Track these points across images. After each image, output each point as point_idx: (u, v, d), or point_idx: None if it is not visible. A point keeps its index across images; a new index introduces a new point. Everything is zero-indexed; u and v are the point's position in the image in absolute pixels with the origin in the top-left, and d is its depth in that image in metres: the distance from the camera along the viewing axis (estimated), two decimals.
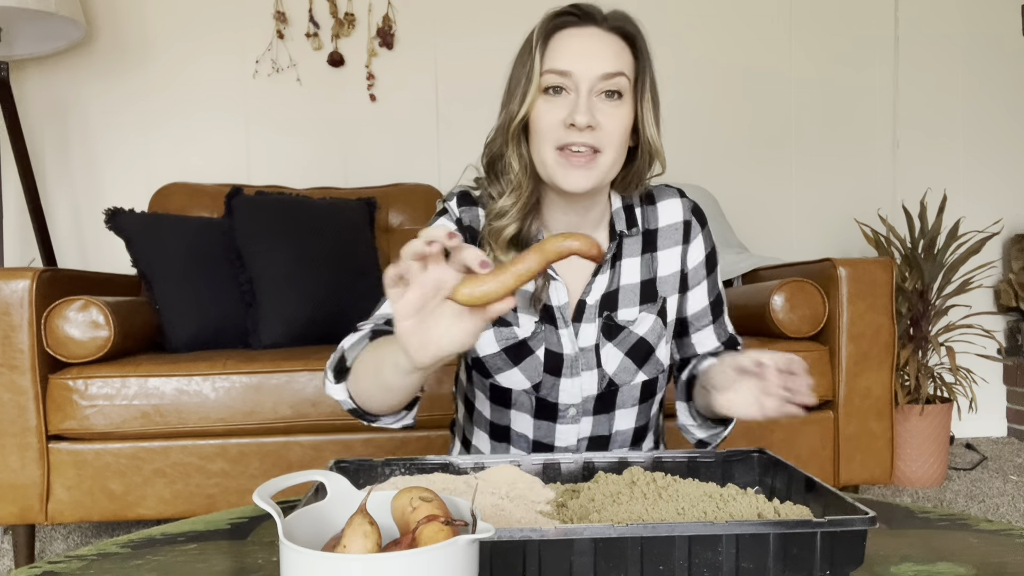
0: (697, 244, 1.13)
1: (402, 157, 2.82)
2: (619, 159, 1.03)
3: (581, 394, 1.10)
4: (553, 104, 1.00)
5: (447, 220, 1.11)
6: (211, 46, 2.74)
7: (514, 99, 1.02)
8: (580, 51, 1.00)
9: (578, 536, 0.64)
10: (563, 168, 1.00)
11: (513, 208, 1.04)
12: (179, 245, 2.07)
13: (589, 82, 0.99)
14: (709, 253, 1.14)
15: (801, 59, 3.02)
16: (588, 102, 0.98)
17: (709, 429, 1.11)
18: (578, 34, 1.01)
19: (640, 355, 1.10)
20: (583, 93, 0.98)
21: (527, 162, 1.04)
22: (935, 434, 2.40)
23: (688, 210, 1.13)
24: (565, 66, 0.99)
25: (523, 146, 1.04)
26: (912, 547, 0.76)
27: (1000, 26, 3.09)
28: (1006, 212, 3.05)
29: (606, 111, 0.99)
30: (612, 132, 1.00)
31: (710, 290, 1.15)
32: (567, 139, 0.98)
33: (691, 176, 2.85)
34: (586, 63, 0.99)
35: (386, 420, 0.99)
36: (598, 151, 1.00)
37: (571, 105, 0.99)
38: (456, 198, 1.11)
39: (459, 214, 1.10)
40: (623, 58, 1.01)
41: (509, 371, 1.09)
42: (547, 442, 1.12)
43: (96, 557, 0.77)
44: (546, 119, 1.00)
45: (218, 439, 1.77)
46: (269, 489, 0.60)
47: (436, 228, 0.69)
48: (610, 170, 1.02)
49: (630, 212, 1.12)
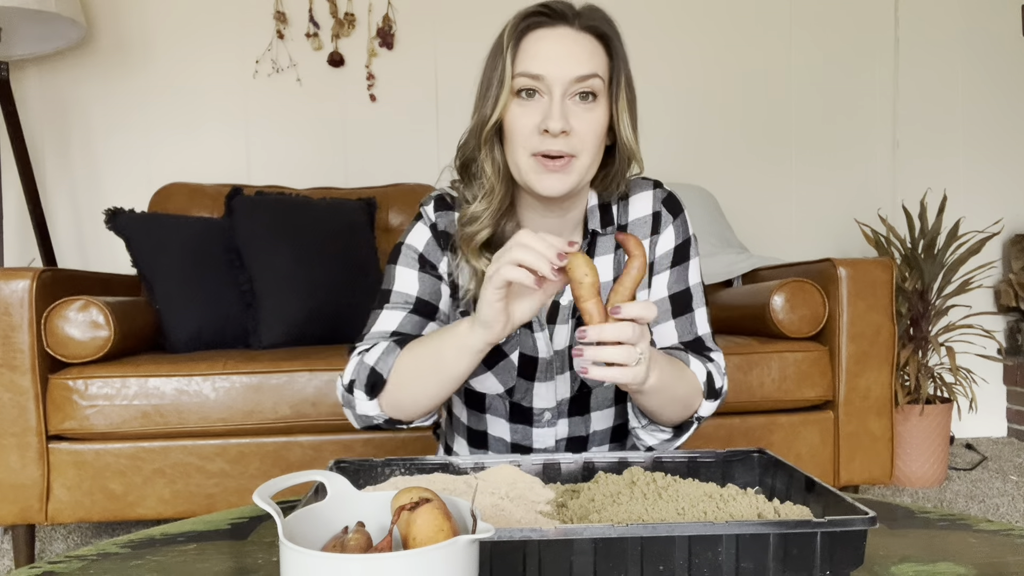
0: (667, 235, 1.09)
1: (402, 157, 2.82)
2: (595, 161, 1.01)
3: (555, 398, 1.09)
4: (526, 108, 0.97)
5: (423, 226, 1.10)
6: (211, 46, 2.74)
7: (486, 102, 0.99)
8: (552, 53, 0.97)
9: (578, 536, 0.64)
10: (537, 173, 0.97)
11: (485, 213, 1.02)
12: (179, 245, 2.07)
13: (562, 85, 0.96)
14: (679, 244, 1.09)
15: (801, 59, 3.02)
16: (561, 107, 0.96)
17: (657, 434, 1.05)
18: (549, 35, 0.98)
19: None
20: (556, 97, 0.96)
21: (500, 166, 1.02)
22: (935, 434, 2.40)
23: (659, 201, 1.09)
24: (537, 69, 0.96)
25: (496, 150, 1.02)
26: (912, 547, 0.76)
27: (1000, 26, 3.09)
28: (1006, 212, 3.05)
29: (580, 114, 0.97)
30: (587, 135, 0.97)
31: (675, 281, 1.09)
32: (541, 146, 0.96)
33: (691, 176, 2.86)
34: (558, 66, 0.96)
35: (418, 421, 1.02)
36: (574, 156, 0.97)
37: (544, 110, 0.96)
38: (433, 202, 1.10)
39: (435, 219, 1.09)
40: (596, 58, 0.98)
41: (483, 375, 1.08)
42: (525, 445, 1.12)
43: (96, 557, 0.77)
44: (519, 124, 0.97)
45: (218, 439, 1.77)
46: (269, 489, 0.60)
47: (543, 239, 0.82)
48: (587, 172, 1.00)
49: (606, 210, 1.09)
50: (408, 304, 1.06)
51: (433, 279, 1.08)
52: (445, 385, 0.97)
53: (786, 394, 1.91)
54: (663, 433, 1.04)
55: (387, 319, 1.06)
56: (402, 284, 1.07)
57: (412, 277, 1.07)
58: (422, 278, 1.07)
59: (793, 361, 1.91)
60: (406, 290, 1.07)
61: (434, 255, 1.08)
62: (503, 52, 0.98)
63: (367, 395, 1.00)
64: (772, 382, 1.90)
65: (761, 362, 1.89)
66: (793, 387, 1.91)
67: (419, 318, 1.06)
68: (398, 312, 1.06)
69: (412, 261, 1.08)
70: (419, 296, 1.07)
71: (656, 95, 2.91)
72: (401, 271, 1.08)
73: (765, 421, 1.92)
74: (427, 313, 1.07)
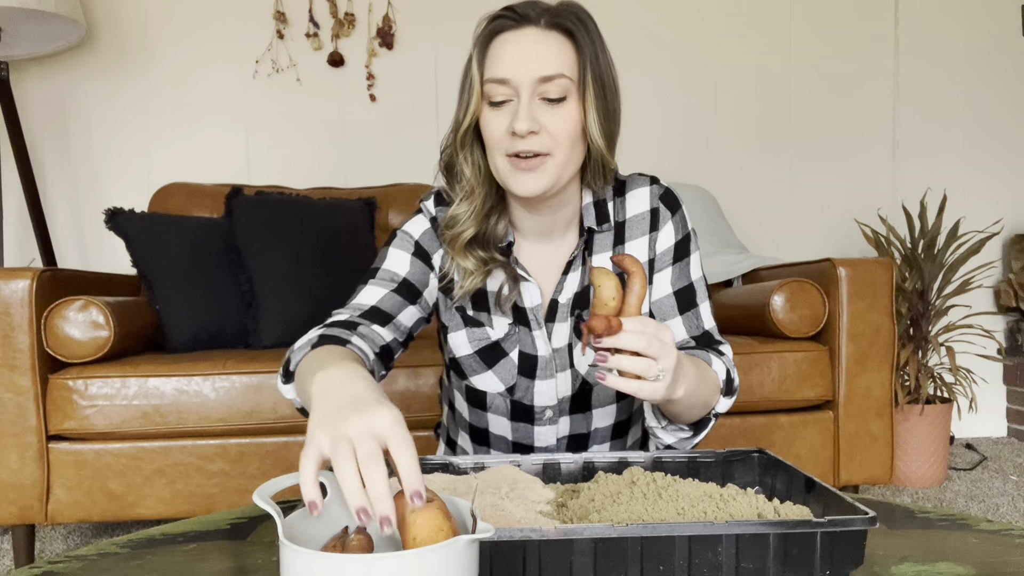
0: (667, 231, 1.09)
1: (402, 157, 2.82)
2: (572, 157, 1.00)
3: (556, 395, 1.09)
4: (497, 112, 0.98)
5: (423, 218, 1.11)
6: (211, 46, 2.74)
7: (460, 107, 1.01)
8: (516, 56, 0.97)
9: (578, 536, 0.64)
10: (512, 174, 0.98)
11: (466, 215, 1.03)
12: (179, 245, 2.07)
13: (529, 87, 0.96)
14: (680, 240, 1.09)
15: (801, 59, 3.02)
16: (529, 107, 0.96)
17: (676, 433, 1.04)
18: (514, 38, 0.98)
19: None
20: (524, 99, 0.96)
21: (481, 167, 1.03)
22: (935, 434, 2.40)
23: (656, 197, 1.09)
24: (503, 73, 0.97)
25: (476, 152, 1.03)
26: (912, 547, 0.76)
27: (1000, 26, 3.09)
28: (1006, 212, 3.05)
29: (549, 113, 0.97)
30: (558, 133, 0.97)
31: (677, 278, 1.09)
32: (514, 147, 0.97)
33: (691, 176, 2.86)
34: (523, 67, 0.96)
35: None
36: (548, 155, 0.97)
37: (513, 112, 0.97)
38: (433, 197, 1.11)
39: (434, 213, 1.10)
40: (563, 58, 0.97)
41: (483, 373, 1.08)
42: (526, 443, 1.12)
43: (96, 557, 0.77)
44: (491, 127, 0.99)
45: (218, 439, 1.77)
46: (269, 489, 0.60)
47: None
48: (563, 169, 0.99)
49: (602, 207, 1.09)
50: (393, 282, 1.07)
51: (424, 267, 1.09)
52: None
53: (786, 394, 1.91)
54: (683, 432, 1.04)
55: (369, 293, 1.06)
56: (392, 263, 1.08)
57: (403, 259, 1.08)
58: (413, 262, 1.08)
59: (793, 361, 1.91)
60: (394, 269, 1.08)
61: (430, 246, 1.09)
62: (471, 58, 1.00)
63: (282, 378, 0.98)
64: (772, 382, 1.90)
65: (761, 362, 1.89)
66: (793, 387, 1.91)
67: (400, 298, 1.06)
68: (381, 288, 1.06)
69: (407, 245, 1.09)
70: (407, 277, 1.07)
71: (656, 95, 2.91)
72: (394, 252, 1.09)
73: (765, 421, 1.92)
74: (410, 296, 1.07)
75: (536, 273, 1.08)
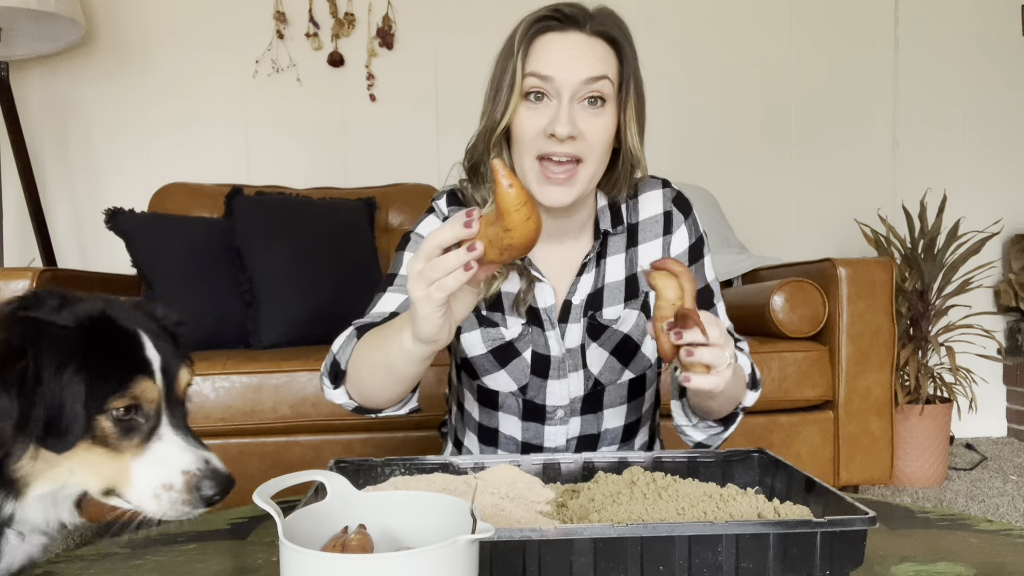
0: (680, 234, 1.10)
1: (402, 157, 2.82)
2: (601, 167, 1.01)
3: (568, 395, 1.09)
4: (534, 111, 0.97)
5: (435, 218, 1.11)
6: (211, 46, 2.74)
7: (496, 105, 0.99)
8: (562, 56, 0.97)
9: (578, 536, 0.64)
10: (541, 184, 0.98)
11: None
12: (179, 245, 2.07)
13: (571, 88, 0.96)
14: (694, 243, 1.11)
15: (801, 59, 3.02)
16: (569, 110, 0.96)
17: (707, 430, 1.06)
18: (560, 39, 0.98)
19: (625, 353, 1.09)
20: (564, 100, 0.96)
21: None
22: (935, 434, 2.40)
23: (669, 200, 1.11)
24: (547, 71, 0.96)
25: (504, 153, 1.02)
26: (912, 547, 0.76)
27: (1000, 26, 3.09)
28: (1006, 212, 3.04)
29: (588, 119, 0.97)
30: (594, 140, 0.97)
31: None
32: (547, 149, 0.96)
33: (691, 176, 2.85)
34: (568, 68, 0.96)
35: (390, 410, 1.01)
36: (580, 160, 0.97)
37: (552, 113, 0.96)
38: (445, 197, 1.11)
39: (447, 212, 1.10)
40: (607, 62, 0.98)
41: (496, 373, 1.08)
42: (536, 443, 1.12)
43: (96, 557, 0.77)
44: (526, 127, 0.97)
45: (218, 439, 1.77)
46: (269, 489, 0.60)
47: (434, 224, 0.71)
48: (591, 181, 1.00)
49: (616, 209, 1.10)
50: None
51: None
52: (403, 383, 0.94)
53: (786, 394, 1.91)
54: (712, 428, 1.04)
55: (388, 300, 1.06)
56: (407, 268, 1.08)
57: None
58: None
59: (793, 361, 1.91)
60: None
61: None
62: (514, 55, 0.98)
63: (331, 383, 0.99)
64: (772, 382, 1.90)
65: (761, 362, 1.89)
66: (793, 387, 1.91)
67: None
68: (400, 294, 1.06)
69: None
70: None
71: (656, 95, 2.87)
72: (409, 256, 1.09)
73: (765, 421, 1.92)
74: None
75: (550, 274, 1.08)
